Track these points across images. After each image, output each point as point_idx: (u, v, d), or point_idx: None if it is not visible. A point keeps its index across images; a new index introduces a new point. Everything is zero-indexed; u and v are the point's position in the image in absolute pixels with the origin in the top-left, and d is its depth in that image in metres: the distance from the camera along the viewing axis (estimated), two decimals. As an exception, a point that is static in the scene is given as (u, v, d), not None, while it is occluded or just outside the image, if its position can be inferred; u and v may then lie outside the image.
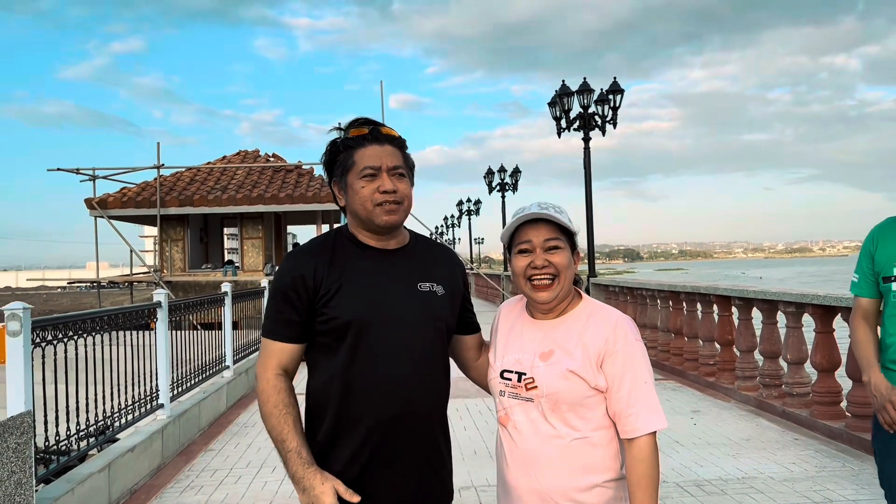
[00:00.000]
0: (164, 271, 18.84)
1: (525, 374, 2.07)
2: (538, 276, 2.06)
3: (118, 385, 5.68)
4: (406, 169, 2.09)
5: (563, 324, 2.10)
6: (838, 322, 6.55)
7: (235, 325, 9.68)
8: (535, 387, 2.04)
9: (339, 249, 2.09)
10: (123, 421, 5.71)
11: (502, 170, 29.53)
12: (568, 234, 2.10)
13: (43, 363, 4.53)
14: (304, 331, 2.06)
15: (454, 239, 53.28)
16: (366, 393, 2.00)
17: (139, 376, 6.15)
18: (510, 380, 2.10)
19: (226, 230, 22.00)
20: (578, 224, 2.19)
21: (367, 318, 2.00)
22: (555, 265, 2.05)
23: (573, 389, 2.01)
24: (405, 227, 2.18)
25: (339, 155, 2.08)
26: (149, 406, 6.22)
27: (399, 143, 2.10)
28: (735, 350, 8.48)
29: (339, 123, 2.14)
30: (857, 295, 2.98)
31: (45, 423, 4.58)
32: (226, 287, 9.40)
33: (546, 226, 2.07)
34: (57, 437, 4.69)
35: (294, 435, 1.98)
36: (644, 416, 2.00)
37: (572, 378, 2.01)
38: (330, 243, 2.11)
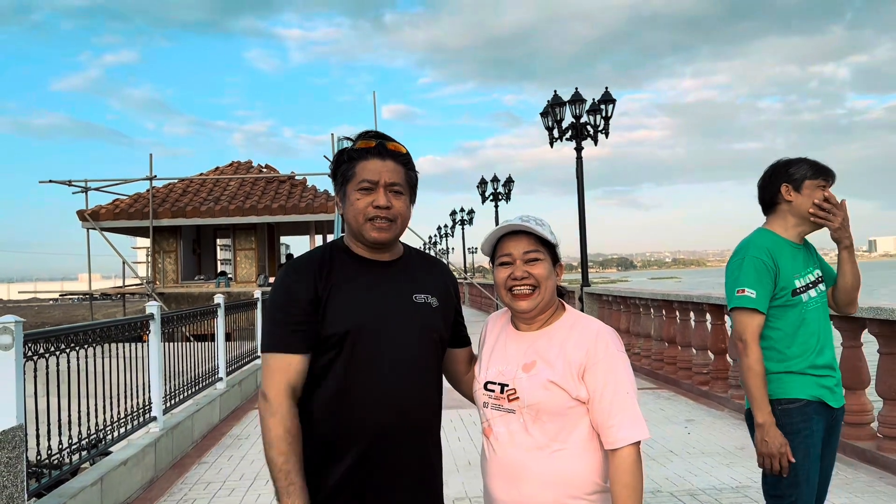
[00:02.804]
0: (157, 283, 18.79)
1: (507, 385, 2.08)
2: (518, 287, 2.08)
3: (111, 398, 5.65)
4: (406, 187, 2.08)
5: (546, 335, 2.12)
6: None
7: (228, 337, 9.66)
8: (517, 398, 2.05)
9: (334, 262, 2.09)
10: (116, 434, 5.68)
11: (495, 179, 29.58)
12: (549, 247, 2.12)
13: (35, 376, 4.51)
14: (310, 339, 2.00)
15: (447, 249, 53.31)
16: (359, 404, 2.00)
17: (132, 389, 6.12)
18: (493, 391, 2.11)
19: (219, 241, 21.99)
20: (571, 233, 2.21)
21: (362, 328, 2.01)
22: (535, 276, 2.07)
23: (554, 400, 2.02)
24: (399, 241, 2.18)
25: (343, 164, 2.09)
26: (141, 419, 6.19)
27: (403, 160, 2.08)
28: (728, 359, 8.50)
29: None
30: (759, 310, 2.81)
31: (37, 436, 4.55)
32: (219, 299, 9.38)
33: (526, 238, 2.10)
34: (49, 451, 4.66)
35: (298, 471, 1.96)
36: (626, 427, 1.99)
37: (553, 389, 2.02)
38: (325, 256, 2.11)
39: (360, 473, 2.00)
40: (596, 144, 15.41)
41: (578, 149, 15.23)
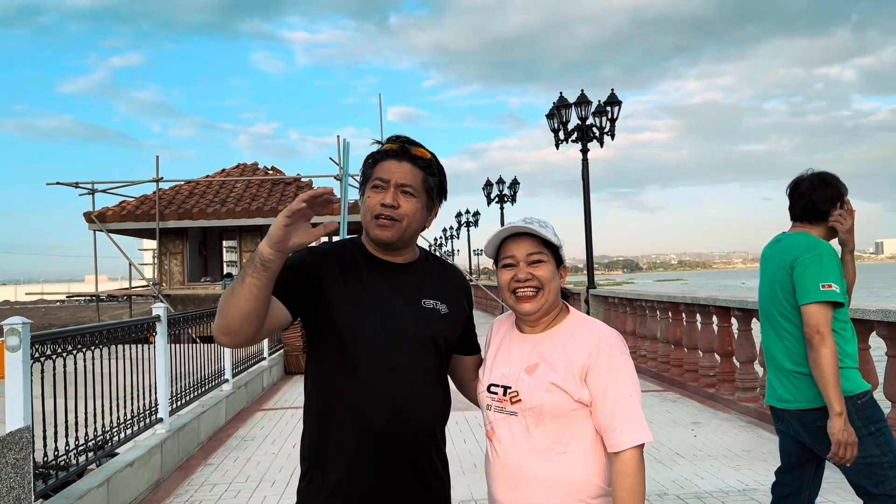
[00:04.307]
0: (164, 285, 18.83)
1: (510, 387, 2.07)
2: (521, 289, 2.08)
3: (117, 399, 5.67)
4: (420, 190, 2.07)
5: (550, 338, 2.11)
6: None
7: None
8: (520, 400, 2.04)
9: (349, 257, 2.11)
10: (122, 435, 5.70)
11: (501, 181, 29.55)
12: (552, 248, 2.11)
13: (42, 378, 4.52)
14: (296, 300, 1.97)
15: (453, 251, 53.30)
16: (360, 404, 2.00)
17: (138, 390, 6.14)
18: (496, 393, 2.11)
19: (225, 243, 22.00)
20: (577, 235, 2.21)
21: (366, 328, 2.02)
22: (538, 278, 2.07)
23: (556, 402, 2.01)
24: (417, 245, 2.19)
25: (366, 167, 2.11)
26: (148, 420, 6.20)
27: (422, 164, 2.08)
28: (735, 361, 8.47)
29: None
30: (839, 303, 3.02)
31: (45, 437, 4.56)
32: (225, 300, 9.38)
33: (530, 240, 2.09)
34: (56, 452, 4.68)
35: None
36: (629, 430, 1.97)
37: (555, 391, 2.01)
38: (341, 251, 2.13)
39: (360, 475, 2.00)
40: (602, 146, 15.39)
41: (584, 150, 15.21)
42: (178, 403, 7.03)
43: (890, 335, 5.74)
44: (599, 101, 15.47)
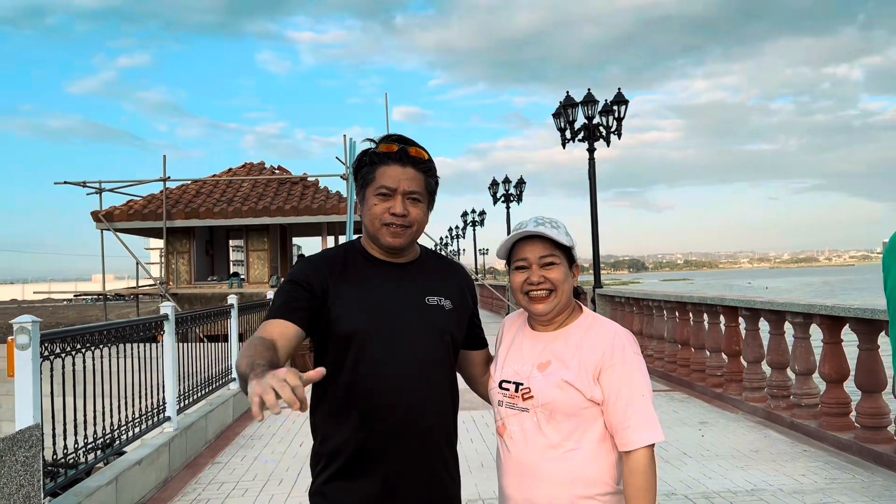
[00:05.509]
0: (170, 284, 18.88)
1: (522, 384, 2.09)
2: (535, 291, 2.09)
3: (125, 398, 5.69)
4: (424, 194, 2.08)
5: (563, 336, 2.12)
6: (846, 332, 6.51)
7: (241, 338, 9.69)
8: (531, 396, 2.06)
9: (350, 262, 2.12)
10: (130, 434, 5.72)
11: (507, 181, 29.50)
12: (564, 249, 2.12)
13: (52, 376, 4.54)
14: (308, 319, 1.98)
15: (459, 250, 53.30)
16: (370, 403, 2.01)
17: (146, 389, 6.16)
18: (508, 390, 2.12)
19: (231, 242, 22.04)
20: (583, 235, 2.21)
21: (373, 328, 2.03)
22: (551, 280, 2.08)
23: (568, 400, 2.02)
24: (417, 243, 2.20)
25: (364, 167, 2.09)
26: (156, 419, 6.22)
27: (424, 167, 2.08)
28: (742, 361, 8.44)
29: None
30: None
31: (53, 435, 4.59)
32: (232, 299, 9.42)
33: (542, 242, 2.10)
34: (65, 450, 4.70)
35: (264, 357, 1.75)
36: (641, 430, 1.99)
37: (567, 388, 2.02)
38: (342, 256, 2.14)
39: (372, 473, 2.01)
40: (608, 146, 15.35)
41: (591, 150, 15.18)
42: (186, 402, 7.06)
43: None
44: (606, 100, 15.43)
